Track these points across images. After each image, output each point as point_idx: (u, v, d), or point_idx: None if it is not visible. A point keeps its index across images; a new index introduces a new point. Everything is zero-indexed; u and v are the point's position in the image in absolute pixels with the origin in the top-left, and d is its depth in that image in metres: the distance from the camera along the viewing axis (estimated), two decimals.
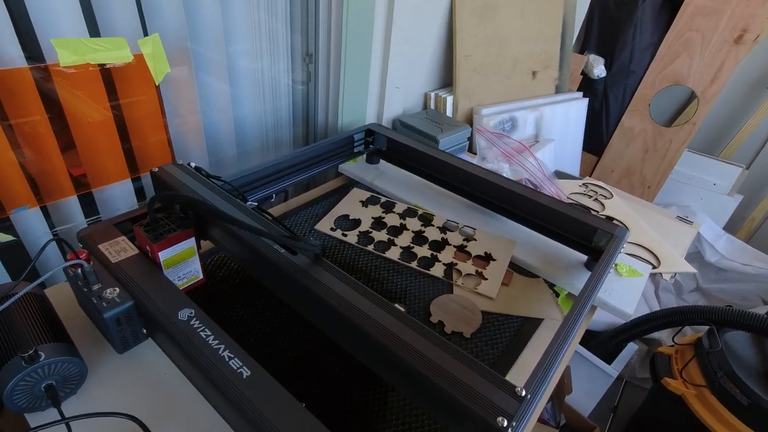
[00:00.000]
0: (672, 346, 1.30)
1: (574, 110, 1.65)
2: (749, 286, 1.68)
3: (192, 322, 0.51)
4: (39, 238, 0.79)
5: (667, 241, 1.04)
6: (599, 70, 1.77)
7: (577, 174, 1.65)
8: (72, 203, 0.82)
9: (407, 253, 0.86)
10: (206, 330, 0.51)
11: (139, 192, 0.94)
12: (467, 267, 0.83)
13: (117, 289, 0.55)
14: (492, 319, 0.74)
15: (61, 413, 0.47)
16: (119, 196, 0.90)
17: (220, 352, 0.49)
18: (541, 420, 1.29)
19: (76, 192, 0.81)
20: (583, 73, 1.81)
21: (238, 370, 0.47)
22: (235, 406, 0.44)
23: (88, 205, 0.89)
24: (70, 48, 0.62)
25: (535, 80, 1.59)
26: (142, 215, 0.67)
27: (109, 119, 0.80)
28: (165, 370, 0.56)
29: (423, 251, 0.86)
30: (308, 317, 0.55)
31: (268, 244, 0.55)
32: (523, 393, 0.41)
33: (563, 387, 1.29)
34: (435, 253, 0.86)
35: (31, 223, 0.77)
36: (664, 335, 1.65)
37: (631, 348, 1.43)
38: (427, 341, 0.45)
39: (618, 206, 1.15)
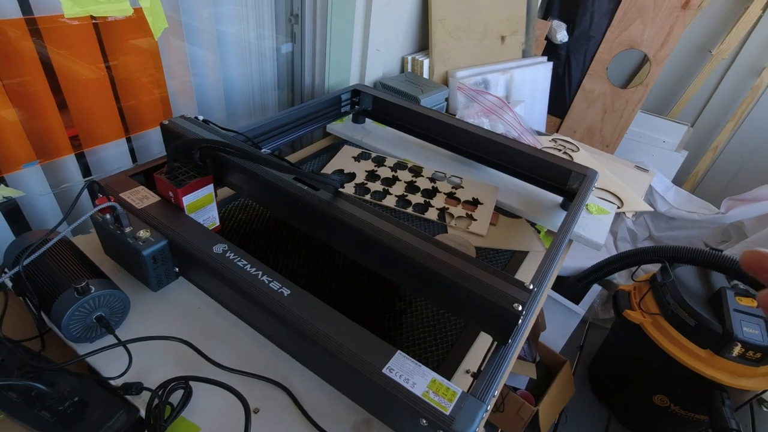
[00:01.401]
0: (630, 284, 1.45)
1: (541, 74, 1.75)
2: (694, 231, 1.88)
3: (228, 254, 0.56)
4: (38, 196, 0.80)
5: (628, 187, 1.16)
6: (562, 35, 1.86)
7: None
8: (69, 162, 0.82)
9: (402, 200, 0.92)
10: (242, 260, 0.56)
11: (132, 153, 0.94)
12: (458, 210, 0.91)
13: (149, 230, 0.58)
14: (484, 253, 0.83)
15: (117, 337, 0.51)
16: (114, 156, 0.90)
17: (259, 276, 0.54)
18: (520, 357, 1.42)
19: (73, 151, 0.81)
20: (547, 38, 1.90)
21: (279, 290, 0.52)
22: (283, 320, 0.49)
23: (83, 166, 0.89)
24: None
25: (504, 45, 1.67)
26: (155, 167, 0.70)
27: (104, 78, 0.81)
28: (198, 304, 0.61)
29: (416, 198, 0.93)
30: (332, 244, 0.60)
31: (291, 182, 0.60)
32: (531, 287, 0.49)
33: (538, 326, 1.42)
34: (427, 200, 0.93)
35: (32, 181, 0.77)
36: (622, 280, 1.82)
37: (595, 289, 1.58)
38: (450, 254, 0.52)
39: (584, 158, 1.26)
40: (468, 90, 1.13)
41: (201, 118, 0.73)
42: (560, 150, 1.30)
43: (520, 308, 0.46)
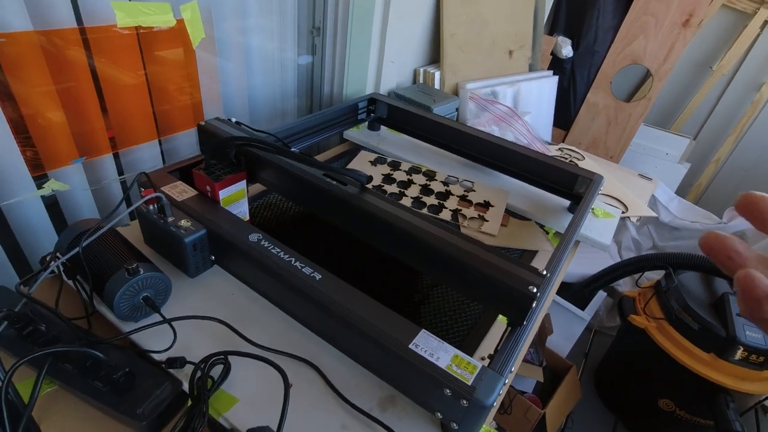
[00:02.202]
0: (635, 290, 1.49)
1: (547, 87, 1.81)
2: (697, 241, 1.91)
3: (263, 243, 0.61)
4: (78, 190, 0.85)
5: (632, 193, 1.21)
6: (567, 50, 1.93)
7: None
8: (108, 161, 0.88)
9: (417, 202, 0.97)
10: (275, 248, 0.60)
11: (164, 155, 1.00)
12: (470, 212, 0.96)
13: (189, 220, 0.63)
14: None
15: (162, 315, 0.56)
16: (146, 158, 0.96)
17: (292, 262, 0.58)
18: (526, 360, 1.45)
19: (111, 151, 0.87)
20: (552, 53, 1.97)
21: (311, 275, 0.57)
22: (316, 302, 0.54)
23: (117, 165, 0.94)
24: (125, 10, 0.68)
25: (512, 59, 1.73)
26: (190, 165, 0.75)
27: (142, 84, 0.86)
28: (233, 290, 0.65)
29: (431, 200, 0.98)
30: (359, 235, 0.65)
31: (320, 176, 0.65)
32: (545, 272, 0.53)
33: (545, 331, 1.45)
34: (441, 202, 0.98)
35: (74, 177, 0.83)
36: (626, 287, 1.85)
37: (601, 295, 1.61)
38: (472, 244, 0.56)
39: (590, 166, 1.31)
40: (479, 99, 1.18)
41: (234, 119, 0.79)
42: (566, 158, 1.35)
43: (534, 290, 0.50)
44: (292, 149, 0.75)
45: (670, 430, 1.42)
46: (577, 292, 1.61)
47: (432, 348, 0.50)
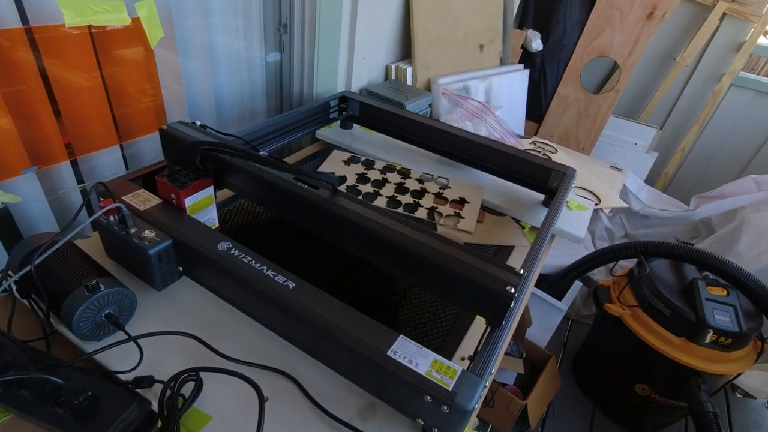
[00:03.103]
0: (609, 279, 1.52)
1: (518, 81, 1.82)
2: (666, 228, 1.97)
3: (233, 251, 0.58)
4: (32, 202, 0.80)
5: (604, 185, 1.23)
6: (537, 44, 1.95)
7: None
8: (64, 169, 0.83)
9: (392, 201, 0.96)
10: (246, 256, 0.58)
11: (125, 160, 0.95)
12: (446, 209, 0.95)
13: (153, 230, 0.60)
14: (473, 249, 0.87)
15: (127, 333, 0.53)
16: (107, 164, 0.91)
17: (264, 271, 0.56)
18: (506, 353, 1.46)
19: (68, 158, 0.82)
20: (522, 47, 1.99)
21: (285, 283, 0.55)
22: (291, 311, 0.52)
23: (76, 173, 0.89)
24: (74, 9, 0.64)
25: (483, 53, 1.73)
26: (154, 172, 0.71)
27: (98, 86, 0.82)
28: (203, 301, 0.63)
29: (406, 199, 0.97)
30: (331, 239, 0.63)
31: (291, 181, 0.63)
32: (522, 271, 0.53)
33: (525, 322, 1.47)
34: (417, 200, 0.97)
35: (27, 187, 0.78)
36: (601, 276, 1.89)
37: (576, 285, 1.64)
38: (447, 245, 0.55)
39: (563, 158, 1.32)
40: (452, 95, 1.18)
41: (198, 123, 0.75)
42: (539, 152, 1.36)
43: (512, 291, 0.50)
44: (261, 152, 0.72)
45: (646, 413, 1.46)
46: (553, 283, 1.63)
47: (411, 354, 0.48)
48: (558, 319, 1.58)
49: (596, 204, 1.10)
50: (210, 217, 0.71)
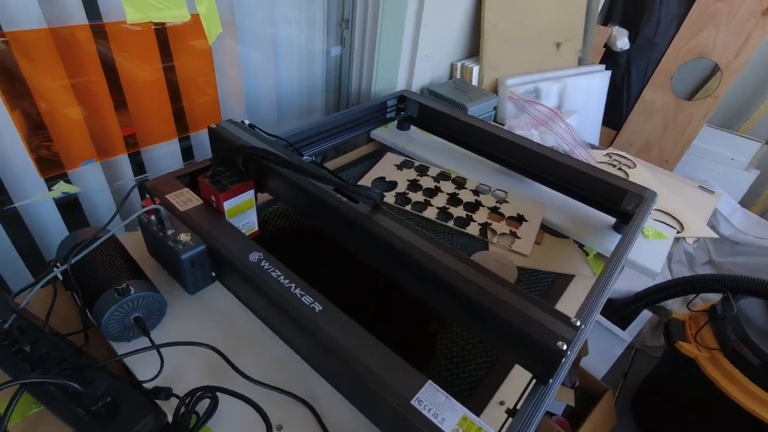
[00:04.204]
0: (686, 312, 1.35)
1: (597, 83, 1.66)
2: (762, 259, 1.72)
3: (263, 264, 0.56)
4: (96, 192, 0.83)
5: (690, 209, 1.07)
6: (623, 42, 1.76)
7: None
8: (123, 161, 0.86)
9: (443, 213, 0.89)
10: (276, 270, 0.55)
11: (186, 152, 0.97)
12: (501, 227, 0.87)
13: (189, 234, 0.59)
14: (527, 275, 0.78)
15: (151, 341, 0.52)
16: (166, 155, 0.93)
17: (291, 289, 0.53)
18: None
19: (127, 151, 0.84)
20: (605, 45, 1.80)
21: (311, 305, 0.51)
22: (312, 337, 0.48)
23: (137, 164, 0.92)
24: (135, 5, 0.65)
25: (559, 52, 1.59)
26: (201, 169, 0.71)
27: (161, 79, 0.83)
28: (232, 310, 0.61)
29: (458, 212, 0.90)
30: (367, 259, 0.59)
31: (330, 192, 0.59)
32: (578, 323, 0.45)
33: (580, 352, 1.34)
34: (470, 214, 0.89)
35: (92, 178, 0.81)
36: (675, 306, 1.69)
37: (645, 315, 1.48)
38: (490, 280, 0.49)
39: (641, 175, 1.18)
40: (519, 99, 1.08)
41: (247, 122, 0.74)
42: (615, 166, 1.22)
43: (564, 347, 0.42)
44: (305, 156, 0.69)
45: None
46: (618, 309, 1.48)
47: (437, 405, 0.43)
48: (619, 351, 1.43)
49: (678, 232, 0.96)
50: (249, 221, 0.69)
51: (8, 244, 0.77)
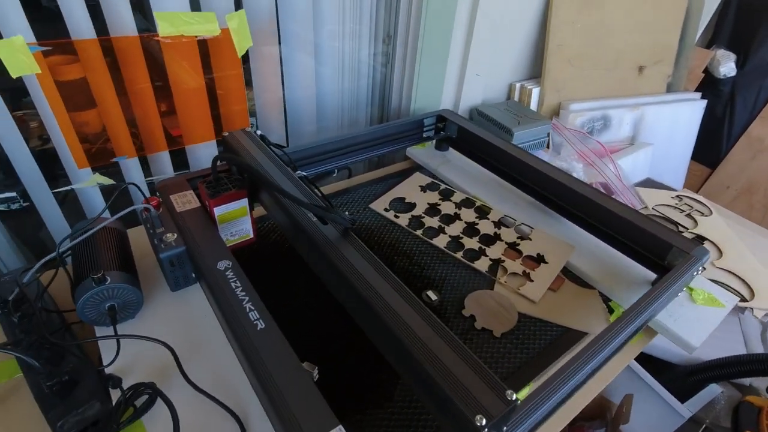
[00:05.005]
0: (765, 397, 1.11)
1: (687, 113, 1.45)
2: None
3: (227, 273, 0.57)
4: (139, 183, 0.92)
5: None
6: (727, 68, 1.52)
7: (680, 186, 1.46)
8: (164, 157, 0.94)
9: (455, 242, 0.84)
10: (237, 281, 0.56)
11: None
12: (514, 266, 0.79)
13: (175, 234, 0.62)
14: (529, 323, 0.70)
15: (115, 330, 0.56)
16: (205, 155, 1.00)
17: (243, 302, 0.53)
18: None
19: (169, 148, 0.92)
20: (706, 70, 1.58)
21: (254, 321, 0.51)
22: (244, 351, 0.48)
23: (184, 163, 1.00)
24: (168, 20, 0.71)
25: (642, 76, 1.43)
26: (209, 174, 0.75)
27: (202, 87, 0.90)
28: (203, 313, 0.63)
29: (471, 243, 0.84)
30: (329, 287, 0.57)
31: (304, 212, 0.58)
32: (513, 397, 0.39)
33: (620, 415, 1.18)
34: (483, 247, 0.83)
35: (131, 171, 0.90)
36: (763, 385, 1.41)
37: (713, 390, 1.25)
38: (433, 330, 0.44)
39: (715, 225, 1.00)
40: (564, 130, 0.98)
41: (259, 133, 0.77)
42: (683, 211, 1.05)
43: (483, 422, 0.37)
44: (299, 172, 0.70)
45: None
46: (679, 378, 1.27)
47: None
48: (673, 427, 1.23)
49: (742, 300, 0.80)
50: (242, 228, 0.71)
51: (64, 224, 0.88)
